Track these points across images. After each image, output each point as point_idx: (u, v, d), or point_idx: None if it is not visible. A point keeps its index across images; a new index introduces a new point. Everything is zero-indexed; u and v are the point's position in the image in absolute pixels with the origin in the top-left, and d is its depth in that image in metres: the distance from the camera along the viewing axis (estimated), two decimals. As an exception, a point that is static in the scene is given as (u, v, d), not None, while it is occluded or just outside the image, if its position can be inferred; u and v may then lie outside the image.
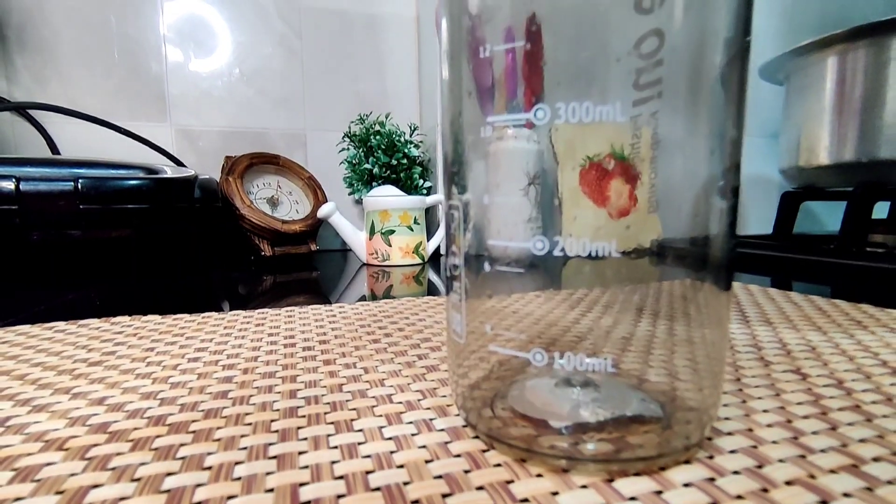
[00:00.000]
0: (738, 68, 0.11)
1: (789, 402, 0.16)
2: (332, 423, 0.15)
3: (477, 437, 0.14)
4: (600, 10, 0.11)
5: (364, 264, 0.56)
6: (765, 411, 0.15)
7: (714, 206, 0.12)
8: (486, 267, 0.13)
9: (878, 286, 0.37)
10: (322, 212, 0.56)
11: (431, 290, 0.39)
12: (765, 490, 0.11)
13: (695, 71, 0.11)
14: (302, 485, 0.12)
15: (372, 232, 0.55)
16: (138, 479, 0.12)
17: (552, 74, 0.12)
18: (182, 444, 0.14)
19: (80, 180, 0.41)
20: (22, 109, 0.59)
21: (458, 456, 0.13)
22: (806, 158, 0.53)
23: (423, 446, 0.13)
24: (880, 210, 0.49)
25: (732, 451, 0.13)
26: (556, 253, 0.12)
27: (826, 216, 0.79)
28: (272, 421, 0.15)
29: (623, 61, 0.11)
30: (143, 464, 0.13)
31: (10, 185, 0.39)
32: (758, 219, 0.74)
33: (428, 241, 0.58)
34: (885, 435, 0.14)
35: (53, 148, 0.61)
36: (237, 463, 0.13)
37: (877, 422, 0.15)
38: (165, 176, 0.47)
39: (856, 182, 0.48)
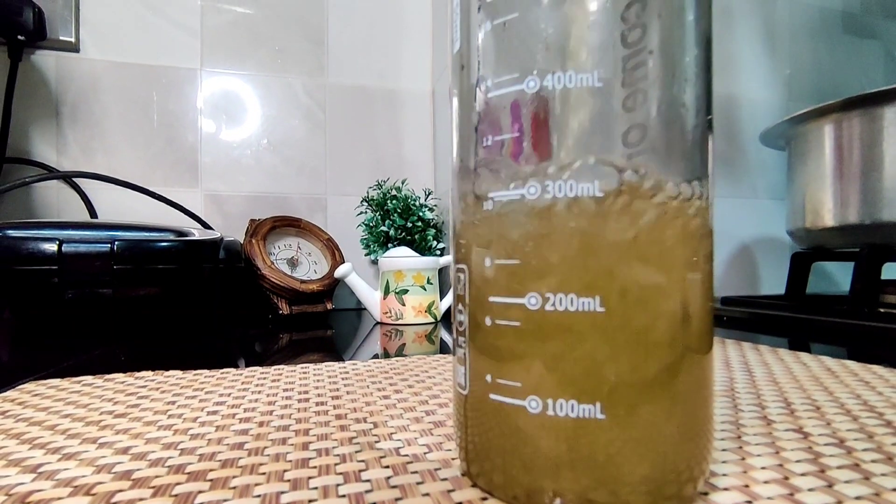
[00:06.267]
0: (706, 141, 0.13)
1: (788, 460, 0.16)
2: (341, 473, 0.16)
3: (476, 485, 0.14)
4: (589, 107, 0.13)
5: (378, 323, 0.57)
6: (762, 468, 0.16)
7: (693, 271, 0.13)
8: (488, 322, 0.14)
9: (893, 348, 0.37)
10: (339, 272, 0.58)
11: (443, 349, 0.40)
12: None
13: (671, 149, 0.13)
14: (311, 529, 0.13)
15: (386, 291, 0.57)
16: (160, 522, 0.13)
17: (543, 156, 0.13)
18: (200, 492, 0.15)
19: (116, 242, 0.44)
20: (69, 178, 0.64)
21: (460, 504, 0.14)
22: (812, 220, 0.54)
23: (427, 494, 0.14)
24: (891, 270, 0.49)
25: (727, 506, 0.13)
26: (548, 308, 0.13)
27: (841, 276, 0.79)
28: (285, 471, 0.16)
29: (607, 148, 0.13)
30: (163, 508, 0.14)
31: (53, 247, 0.42)
32: (770, 280, 0.74)
33: (440, 300, 0.59)
34: (881, 493, 0.14)
35: (92, 212, 0.65)
36: (251, 509, 0.14)
37: (874, 480, 0.15)
38: (193, 238, 0.50)
39: (861, 243, 0.48)
